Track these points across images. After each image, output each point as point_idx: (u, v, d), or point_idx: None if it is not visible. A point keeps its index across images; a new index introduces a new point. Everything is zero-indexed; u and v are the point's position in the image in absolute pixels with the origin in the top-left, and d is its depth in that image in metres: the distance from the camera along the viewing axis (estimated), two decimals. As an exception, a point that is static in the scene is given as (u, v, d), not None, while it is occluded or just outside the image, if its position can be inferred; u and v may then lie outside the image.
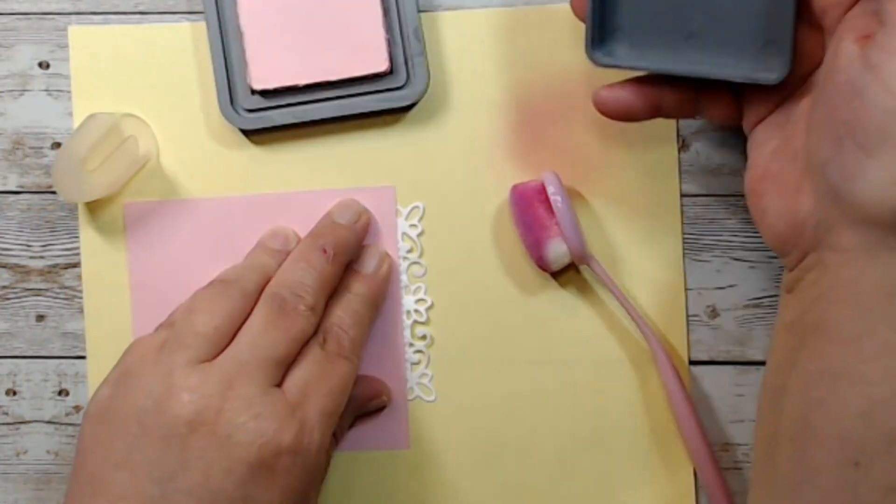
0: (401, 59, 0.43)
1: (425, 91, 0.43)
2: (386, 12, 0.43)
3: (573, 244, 0.41)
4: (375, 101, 0.43)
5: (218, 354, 0.37)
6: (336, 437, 0.42)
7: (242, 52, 0.43)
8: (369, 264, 0.43)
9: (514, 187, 0.43)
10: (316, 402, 0.37)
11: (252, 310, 0.38)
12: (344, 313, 0.41)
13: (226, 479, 0.35)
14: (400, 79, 0.43)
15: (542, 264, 0.42)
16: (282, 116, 0.43)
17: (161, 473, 0.35)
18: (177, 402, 0.35)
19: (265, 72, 0.43)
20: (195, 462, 0.35)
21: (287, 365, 0.38)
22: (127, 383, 0.37)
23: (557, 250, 0.42)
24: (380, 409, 0.44)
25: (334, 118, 0.43)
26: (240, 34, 0.43)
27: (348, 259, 0.42)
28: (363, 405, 0.43)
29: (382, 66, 0.42)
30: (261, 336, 0.37)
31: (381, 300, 0.43)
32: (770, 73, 0.36)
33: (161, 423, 0.35)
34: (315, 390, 0.37)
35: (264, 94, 0.43)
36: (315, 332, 0.39)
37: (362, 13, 0.43)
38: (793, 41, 0.35)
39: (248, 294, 0.39)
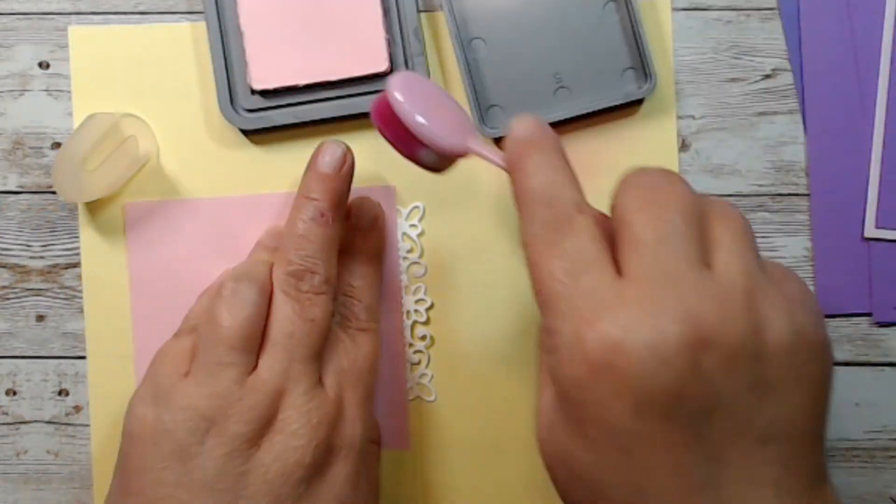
0: (401, 59, 0.43)
1: None
2: (386, 12, 0.43)
3: (438, 147, 0.36)
4: None
5: (257, 358, 0.37)
6: (376, 440, 0.42)
7: (242, 52, 0.43)
8: (367, 219, 0.42)
9: (372, 107, 0.37)
10: (353, 394, 0.38)
11: (270, 299, 0.38)
12: (352, 279, 0.41)
13: (285, 483, 0.36)
14: None
15: (435, 170, 0.38)
16: (282, 116, 0.43)
17: (222, 485, 0.35)
18: (237, 422, 0.36)
19: (265, 72, 0.43)
20: (255, 471, 0.36)
21: (321, 352, 0.38)
22: (168, 402, 0.36)
23: (430, 158, 0.37)
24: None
25: (334, 118, 0.43)
26: (240, 34, 0.43)
27: (343, 210, 0.41)
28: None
29: (382, 66, 0.43)
30: (293, 334, 0.37)
31: (383, 251, 0.44)
32: (639, 90, 0.42)
33: (222, 442, 0.36)
34: (348, 381, 0.38)
35: (264, 94, 0.43)
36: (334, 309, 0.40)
37: (362, 13, 0.43)
38: (650, 60, 0.42)
39: (262, 287, 0.38)
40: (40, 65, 0.45)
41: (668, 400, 0.29)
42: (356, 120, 0.44)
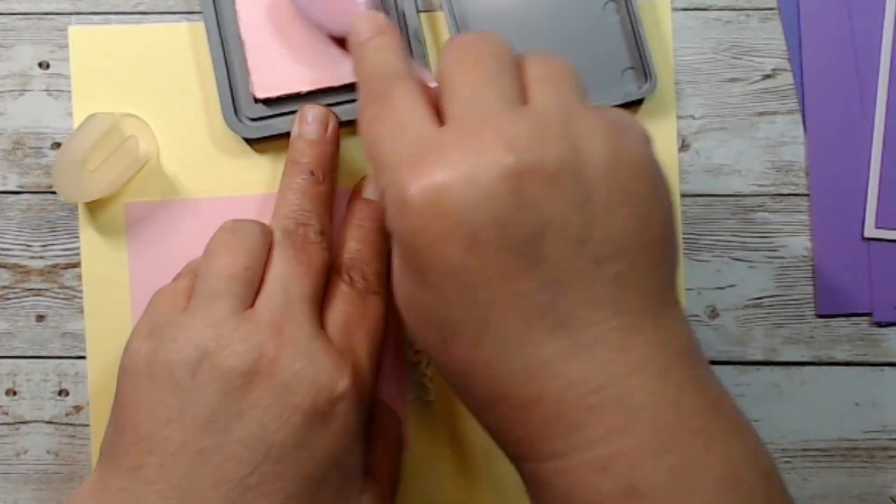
0: None
1: None
2: (386, 14, 0.43)
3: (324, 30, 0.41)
4: None
5: (255, 296, 0.36)
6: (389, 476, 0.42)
7: (244, 61, 0.43)
8: (366, 189, 0.42)
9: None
10: (361, 344, 0.37)
11: (269, 249, 0.38)
12: (360, 244, 0.40)
13: (281, 428, 0.34)
14: None
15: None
16: (286, 124, 0.43)
17: (215, 425, 0.34)
18: (230, 353, 0.35)
19: (267, 80, 0.42)
20: (250, 412, 0.34)
21: (321, 300, 0.38)
22: (165, 336, 0.36)
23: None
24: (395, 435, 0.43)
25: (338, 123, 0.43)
26: (240, 43, 0.43)
27: (335, 172, 0.41)
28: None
29: None
30: (289, 277, 0.37)
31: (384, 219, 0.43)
32: (639, 90, 0.42)
33: (215, 376, 0.34)
34: (357, 332, 0.38)
35: (267, 102, 0.43)
36: (338, 268, 0.39)
37: None
38: (650, 60, 0.42)
39: (258, 231, 0.38)
40: (40, 65, 0.45)
41: (497, 230, 0.30)
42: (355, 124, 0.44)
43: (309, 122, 0.41)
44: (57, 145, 0.45)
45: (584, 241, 0.30)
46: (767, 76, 0.44)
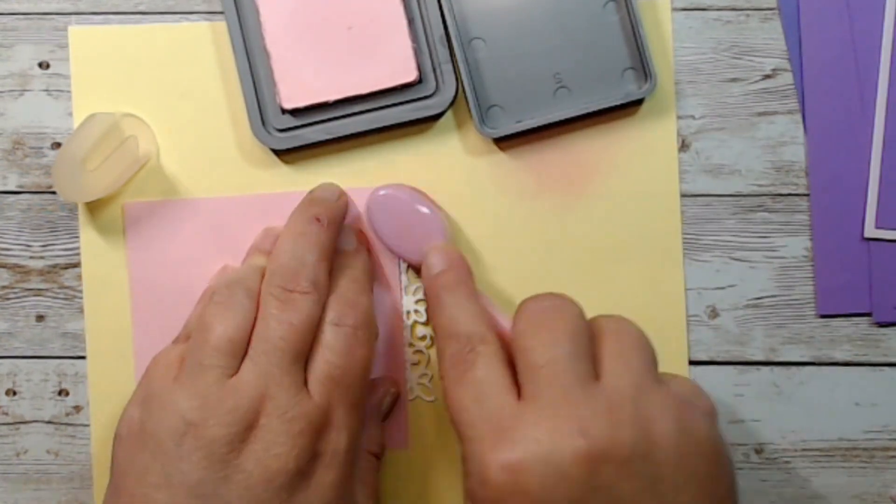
0: (429, 67, 0.43)
1: (455, 98, 0.43)
2: (411, 21, 0.43)
3: (405, 260, 0.43)
4: (406, 112, 0.43)
5: (241, 363, 0.37)
6: (375, 453, 0.42)
7: (270, 72, 0.43)
8: (349, 242, 0.42)
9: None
10: (340, 401, 0.37)
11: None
12: (348, 282, 0.40)
13: (266, 489, 0.35)
14: (429, 87, 0.43)
15: None
16: (315, 133, 0.43)
17: (202, 492, 0.35)
18: (215, 424, 0.35)
19: (294, 91, 0.42)
20: (236, 476, 0.35)
21: (306, 352, 0.37)
22: (155, 404, 0.37)
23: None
24: (394, 401, 0.44)
25: (366, 131, 0.43)
26: (266, 55, 0.43)
27: (338, 230, 0.41)
28: (379, 408, 0.43)
29: (411, 75, 0.42)
30: (273, 336, 0.37)
31: (373, 274, 0.43)
32: (639, 90, 0.42)
33: (200, 445, 0.35)
34: (336, 387, 0.37)
35: (294, 112, 0.43)
36: (325, 310, 0.39)
37: (387, 23, 0.42)
38: (650, 60, 0.42)
39: (253, 293, 0.38)
40: (40, 65, 0.45)
41: None
42: (387, 132, 0.44)
43: (323, 189, 0.42)
44: (57, 145, 0.45)
45: None
46: (767, 76, 0.44)
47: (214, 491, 0.35)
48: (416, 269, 0.43)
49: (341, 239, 0.42)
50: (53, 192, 0.45)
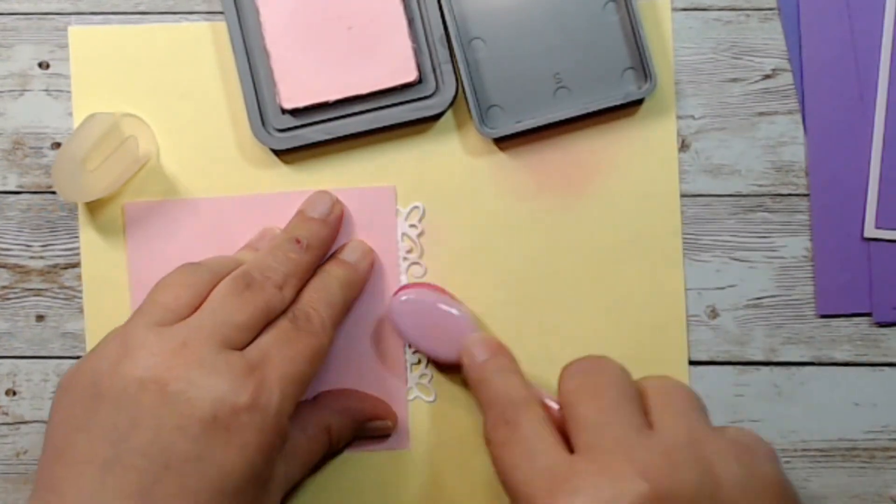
0: (429, 68, 0.43)
1: (455, 98, 0.43)
2: (411, 21, 0.43)
3: (434, 359, 0.43)
4: (406, 112, 0.43)
5: (178, 322, 0.37)
6: (331, 437, 0.42)
7: (270, 72, 0.43)
8: (352, 255, 0.43)
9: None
10: (277, 365, 0.36)
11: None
12: (317, 294, 0.40)
13: (178, 436, 0.34)
14: (429, 87, 0.43)
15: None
16: (314, 133, 0.43)
17: (115, 435, 0.34)
18: (129, 360, 0.35)
19: (294, 90, 0.42)
20: (146, 420, 0.34)
21: (248, 333, 0.37)
22: (90, 354, 0.37)
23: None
24: (383, 434, 0.44)
25: (366, 131, 0.43)
26: (266, 55, 0.43)
27: (324, 252, 0.42)
28: (367, 420, 0.43)
29: (411, 75, 0.42)
30: (221, 303, 0.37)
31: (358, 289, 0.43)
32: (639, 90, 0.42)
33: (113, 384, 0.35)
34: (277, 354, 0.37)
35: (294, 112, 0.43)
36: (285, 312, 0.38)
37: (387, 23, 0.42)
38: (650, 60, 0.42)
39: (217, 274, 0.38)
40: (40, 65, 0.45)
41: None
42: (387, 132, 0.44)
43: (315, 203, 0.42)
44: (57, 145, 0.45)
45: None
46: (767, 76, 0.44)
47: (125, 435, 0.34)
48: (447, 366, 0.43)
49: (344, 250, 0.43)
50: (53, 192, 0.45)
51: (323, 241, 0.42)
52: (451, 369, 0.43)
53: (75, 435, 0.35)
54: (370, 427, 0.43)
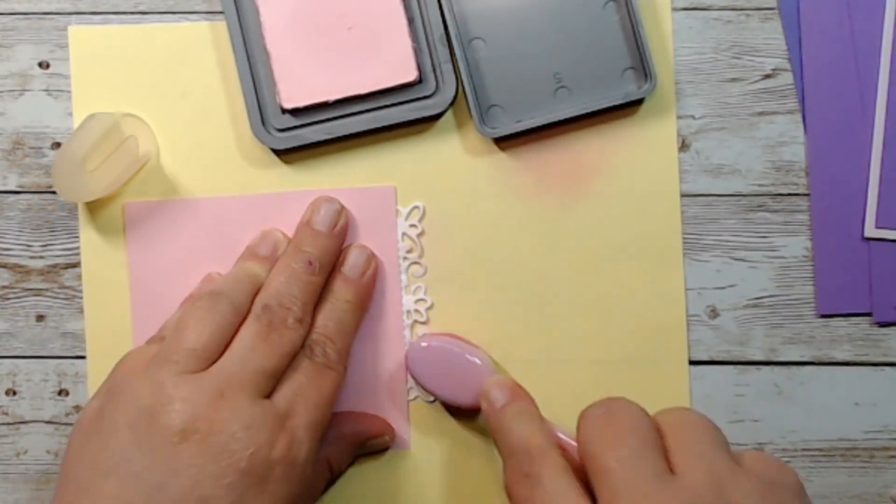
0: (429, 68, 0.43)
1: (455, 98, 0.43)
2: (411, 21, 0.43)
3: (452, 404, 0.43)
4: (406, 112, 0.43)
5: (207, 368, 0.37)
6: (332, 468, 0.42)
7: (270, 72, 0.43)
8: (355, 269, 0.43)
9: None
10: (304, 414, 0.38)
11: (242, 322, 0.39)
12: (330, 322, 0.41)
13: (215, 486, 0.35)
14: (429, 87, 0.43)
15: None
16: (314, 133, 0.43)
17: (150, 482, 0.35)
18: (168, 411, 0.35)
19: (295, 90, 0.42)
20: (185, 470, 0.35)
21: (277, 377, 0.38)
22: (116, 394, 0.37)
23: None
24: (382, 449, 0.44)
25: (366, 131, 0.43)
26: (266, 55, 0.43)
27: (332, 265, 0.42)
28: (364, 442, 0.43)
29: (411, 75, 0.42)
30: (251, 350, 0.38)
31: (368, 303, 0.43)
32: (639, 90, 0.42)
33: (151, 432, 0.35)
34: (303, 402, 0.38)
35: (295, 112, 0.43)
36: (303, 344, 0.40)
37: (387, 23, 0.42)
38: (650, 60, 0.42)
39: (237, 307, 0.39)
40: (40, 65, 0.45)
41: None
42: (387, 132, 0.44)
43: (320, 213, 0.42)
44: (57, 145, 0.45)
45: None
46: (767, 76, 0.44)
47: (162, 484, 0.34)
48: (464, 411, 0.43)
49: (347, 262, 0.43)
50: (53, 192, 0.45)
51: (332, 256, 0.42)
52: (468, 414, 0.44)
53: (104, 479, 0.35)
54: (368, 445, 0.43)
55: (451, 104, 0.43)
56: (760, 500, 0.31)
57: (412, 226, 0.44)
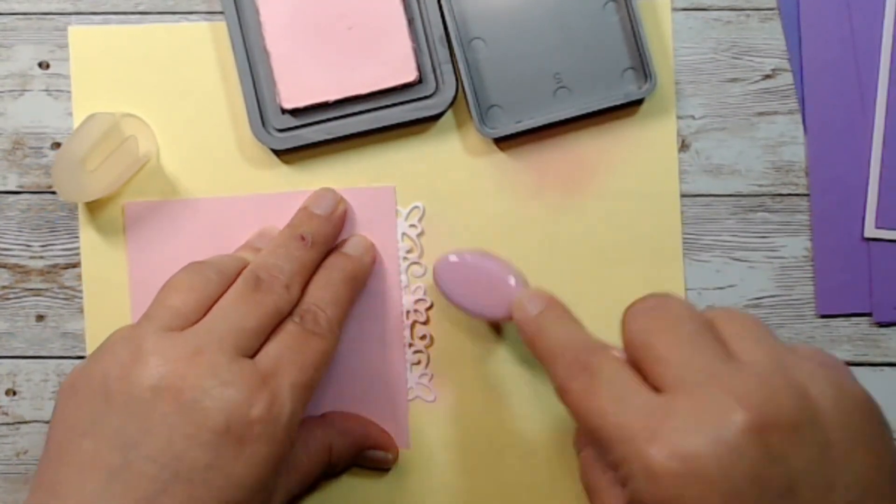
0: (429, 68, 0.43)
1: (455, 98, 0.43)
2: (410, 21, 0.43)
3: (481, 318, 0.42)
4: (406, 112, 0.43)
5: (189, 327, 0.37)
6: (331, 455, 0.42)
7: (270, 72, 0.43)
8: (355, 249, 0.43)
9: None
10: (288, 375, 0.36)
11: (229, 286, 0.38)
12: (322, 292, 0.40)
13: (190, 445, 0.34)
14: (429, 87, 0.43)
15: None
16: (314, 133, 0.43)
17: (124, 440, 0.34)
18: (142, 367, 0.35)
19: (294, 90, 0.42)
20: (158, 428, 0.34)
21: (259, 338, 0.37)
22: (97, 354, 0.36)
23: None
24: (383, 466, 0.44)
25: (366, 131, 0.43)
26: (266, 55, 0.43)
27: (327, 248, 0.42)
28: (368, 447, 0.43)
29: (411, 75, 0.42)
30: (232, 308, 0.37)
31: (362, 283, 0.43)
32: (639, 90, 0.42)
33: (124, 389, 0.34)
34: (288, 362, 0.37)
35: (294, 112, 0.43)
36: (292, 312, 0.39)
37: (387, 23, 0.42)
38: (650, 60, 0.42)
39: (224, 275, 0.38)
40: (40, 65, 0.45)
41: (752, 488, 0.29)
42: (387, 132, 0.44)
43: (320, 200, 0.42)
44: (57, 145, 0.45)
45: (833, 486, 0.30)
46: (767, 76, 0.44)
47: (136, 442, 0.34)
48: (495, 326, 0.43)
49: (347, 244, 0.42)
50: (53, 192, 0.45)
51: (327, 238, 0.42)
52: (495, 327, 0.43)
53: (81, 439, 0.34)
54: (370, 456, 0.43)
55: (451, 104, 0.43)
56: (826, 382, 0.31)
57: (412, 226, 0.44)
